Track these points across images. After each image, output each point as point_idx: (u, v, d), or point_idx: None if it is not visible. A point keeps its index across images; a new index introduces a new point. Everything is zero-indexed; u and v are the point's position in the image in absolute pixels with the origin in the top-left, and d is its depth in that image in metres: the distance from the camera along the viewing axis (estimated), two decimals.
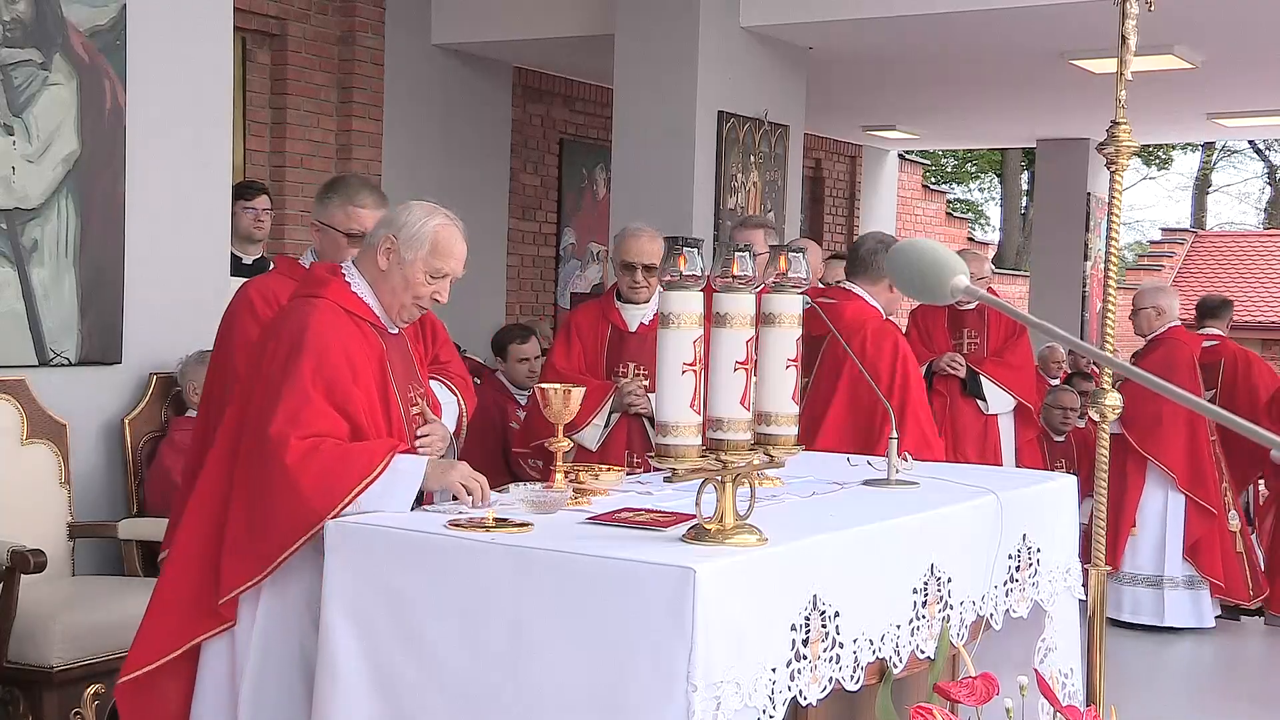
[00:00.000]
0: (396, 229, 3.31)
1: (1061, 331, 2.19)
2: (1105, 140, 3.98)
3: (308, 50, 8.47)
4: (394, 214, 3.38)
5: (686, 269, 2.63)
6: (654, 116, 8.02)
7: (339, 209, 3.79)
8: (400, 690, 2.78)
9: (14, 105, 4.73)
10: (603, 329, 5.02)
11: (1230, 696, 6.31)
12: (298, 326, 3.16)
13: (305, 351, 3.09)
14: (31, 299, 4.78)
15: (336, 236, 3.78)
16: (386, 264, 3.28)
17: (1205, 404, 1.84)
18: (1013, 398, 7.10)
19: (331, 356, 3.11)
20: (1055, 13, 7.51)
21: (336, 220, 3.79)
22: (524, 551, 2.69)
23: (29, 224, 4.77)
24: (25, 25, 4.76)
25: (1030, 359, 7.31)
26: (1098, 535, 4.11)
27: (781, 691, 2.65)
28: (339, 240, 3.78)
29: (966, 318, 7.28)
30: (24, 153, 4.77)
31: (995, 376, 7.05)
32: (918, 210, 17.08)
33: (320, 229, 3.83)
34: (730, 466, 2.68)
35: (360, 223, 3.75)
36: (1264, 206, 33.47)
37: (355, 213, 3.78)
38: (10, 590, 4.13)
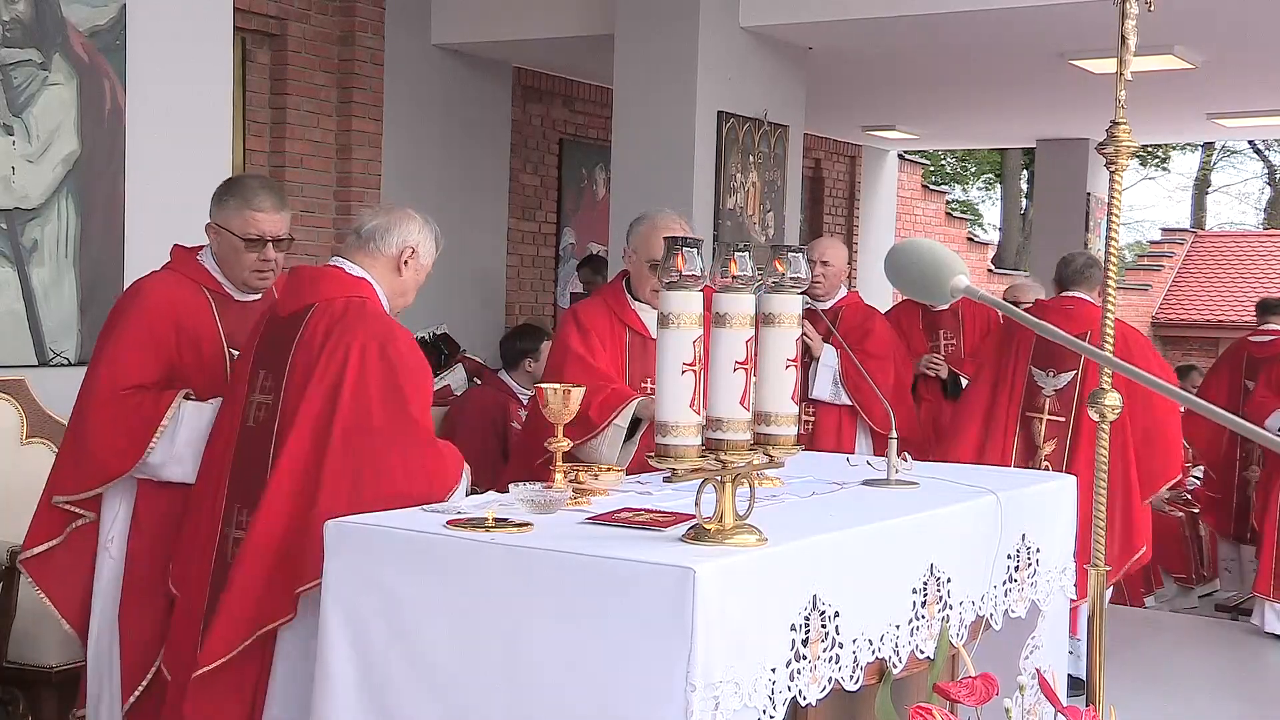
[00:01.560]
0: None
1: (1061, 332, 2.19)
2: (1105, 140, 3.97)
3: (308, 50, 8.47)
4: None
5: (686, 269, 2.63)
6: (654, 116, 8.02)
7: (236, 213, 3.75)
8: (396, 691, 2.78)
9: (14, 105, 4.74)
10: (619, 334, 4.40)
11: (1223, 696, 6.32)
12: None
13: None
14: (31, 299, 4.79)
15: (233, 240, 3.76)
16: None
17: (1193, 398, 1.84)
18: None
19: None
20: (1055, 13, 7.51)
21: (233, 224, 3.75)
22: (524, 551, 2.69)
23: (29, 224, 4.78)
24: (25, 25, 4.76)
25: None
26: (1098, 535, 4.10)
27: (781, 691, 2.65)
28: (236, 244, 3.76)
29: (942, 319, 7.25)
30: (24, 153, 4.77)
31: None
32: (917, 210, 17.08)
33: (217, 231, 3.80)
34: (730, 466, 2.68)
35: (258, 227, 3.75)
36: (1264, 207, 33.48)
37: (253, 217, 3.74)
38: (10, 590, 4.13)
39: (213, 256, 3.84)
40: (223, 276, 3.83)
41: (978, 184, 31.58)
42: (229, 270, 3.82)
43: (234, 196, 3.78)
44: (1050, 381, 6.04)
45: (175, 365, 3.74)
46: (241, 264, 3.78)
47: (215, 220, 3.80)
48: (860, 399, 6.09)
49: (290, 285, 3.65)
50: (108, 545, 3.77)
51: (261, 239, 3.75)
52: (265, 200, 3.78)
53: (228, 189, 3.84)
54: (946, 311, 7.23)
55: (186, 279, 3.81)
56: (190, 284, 3.80)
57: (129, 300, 3.81)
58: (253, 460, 3.48)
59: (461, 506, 3.10)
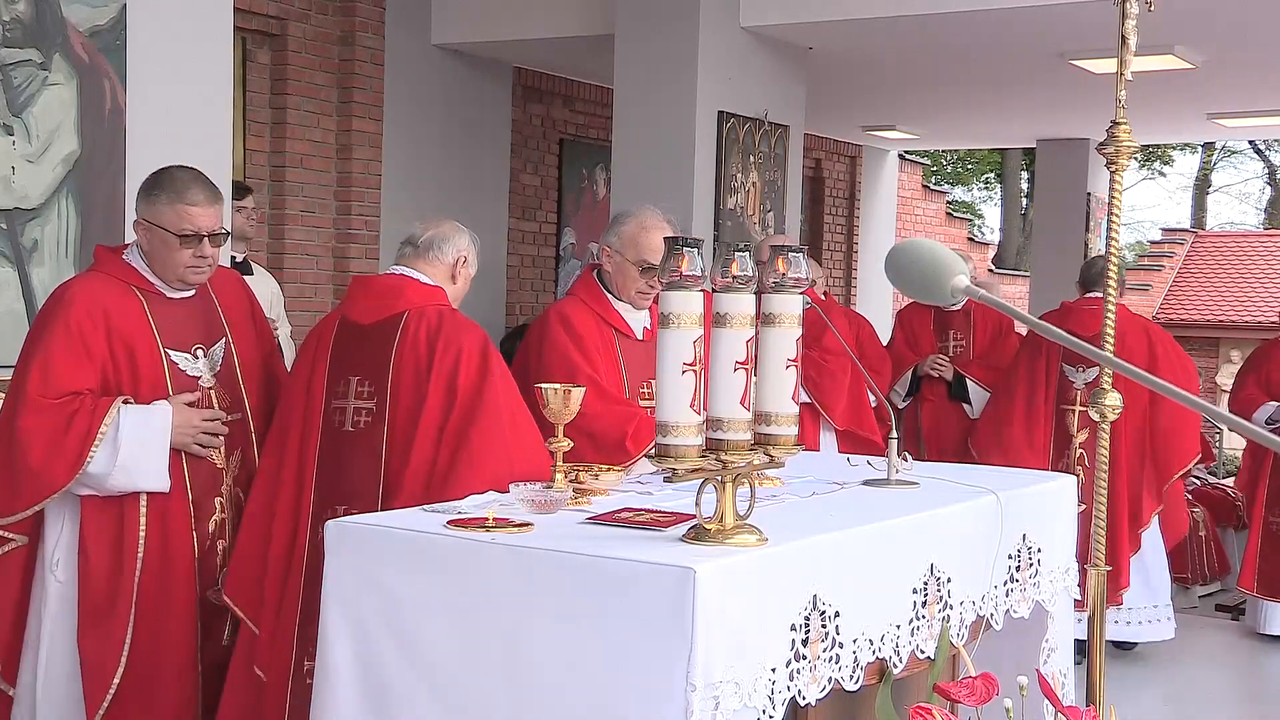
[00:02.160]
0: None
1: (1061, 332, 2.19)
2: (1105, 140, 3.98)
3: (308, 50, 8.47)
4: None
5: (687, 269, 2.63)
6: (654, 116, 8.01)
7: (168, 207, 3.63)
8: (396, 691, 2.78)
9: (14, 105, 4.74)
10: (608, 337, 4.21)
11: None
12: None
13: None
14: (31, 299, 4.79)
15: (167, 236, 3.63)
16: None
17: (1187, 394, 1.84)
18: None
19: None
20: (1055, 13, 7.51)
21: (165, 220, 3.63)
22: (524, 551, 2.69)
23: (29, 224, 4.78)
24: (25, 25, 4.76)
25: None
26: (1097, 535, 4.11)
27: (781, 691, 2.65)
28: (170, 240, 3.64)
29: (953, 319, 7.25)
30: (24, 153, 4.77)
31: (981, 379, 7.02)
32: (918, 210, 17.08)
33: (147, 228, 3.67)
34: (730, 466, 2.68)
35: (193, 222, 3.64)
36: (1264, 207, 33.47)
37: (186, 211, 3.63)
38: None
39: (141, 254, 3.73)
40: (153, 275, 3.72)
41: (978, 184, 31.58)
42: (161, 268, 3.70)
43: (164, 191, 3.65)
44: (1080, 376, 6.45)
45: (109, 370, 3.62)
46: (176, 261, 3.66)
47: (144, 216, 3.68)
48: (820, 397, 6.10)
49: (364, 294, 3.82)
50: (53, 569, 3.63)
51: (197, 234, 3.64)
52: (198, 194, 3.66)
53: (156, 183, 3.69)
54: (958, 312, 7.23)
55: (114, 279, 3.69)
56: (119, 284, 3.68)
57: (54, 305, 3.65)
58: (355, 462, 3.62)
59: (461, 506, 3.10)
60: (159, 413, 3.61)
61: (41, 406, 3.51)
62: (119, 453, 3.53)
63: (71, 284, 3.72)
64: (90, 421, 3.51)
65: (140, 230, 3.70)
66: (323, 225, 8.66)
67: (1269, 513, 7.17)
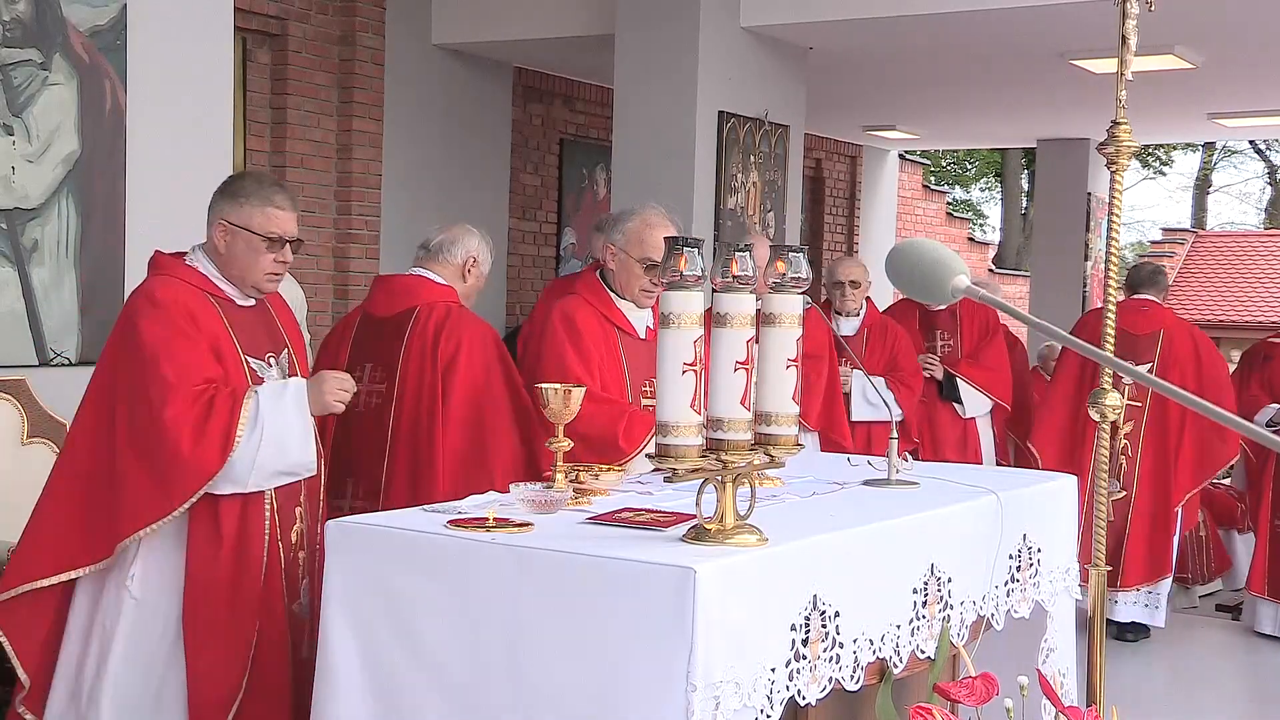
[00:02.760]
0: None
1: (1061, 331, 2.19)
2: (1105, 140, 3.98)
3: (308, 50, 8.47)
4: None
5: (687, 269, 2.63)
6: (654, 116, 8.01)
7: (257, 210, 3.59)
8: (398, 691, 2.78)
9: (14, 105, 4.74)
10: (611, 336, 4.19)
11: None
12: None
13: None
14: (31, 299, 4.79)
15: (253, 239, 3.58)
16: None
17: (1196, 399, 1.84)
18: (989, 399, 7.06)
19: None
20: (1055, 13, 7.51)
21: (254, 223, 3.58)
22: (524, 551, 2.69)
23: (29, 224, 4.78)
24: (25, 25, 4.76)
25: (1005, 359, 7.26)
26: (1098, 535, 4.11)
27: (781, 691, 2.65)
28: (255, 243, 3.58)
29: (939, 319, 7.22)
30: (24, 153, 4.77)
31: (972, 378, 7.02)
32: (918, 210, 17.09)
33: (229, 230, 3.59)
34: (730, 466, 2.68)
35: (279, 225, 3.60)
36: (1264, 206, 33.47)
37: (275, 215, 3.60)
38: None
39: (212, 258, 3.64)
40: (223, 280, 3.64)
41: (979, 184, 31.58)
42: (240, 272, 3.62)
43: (252, 194, 3.60)
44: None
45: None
46: (258, 265, 3.60)
47: (229, 219, 3.59)
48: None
49: (383, 291, 4.34)
50: (127, 584, 3.49)
51: (281, 239, 3.61)
52: (284, 198, 3.65)
53: (240, 187, 3.65)
54: (944, 312, 7.20)
55: (187, 284, 3.59)
56: (193, 289, 3.58)
57: (147, 307, 3.52)
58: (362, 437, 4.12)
59: (462, 506, 3.10)
60: (293, 385, 3.55)
61: (185, 395, 3.40)
62: (264, 429, 3.43)
63: (152, 287, 3.57)
64: (232, 403, 3.42)
65: (219, 232, 3.61)
66: (323, 225, 8.66)
67: (1275, 516, 7.16)
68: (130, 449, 3.43)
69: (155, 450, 3.40)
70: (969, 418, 7.05)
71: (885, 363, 6.58)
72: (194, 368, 3.45)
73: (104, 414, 3.51)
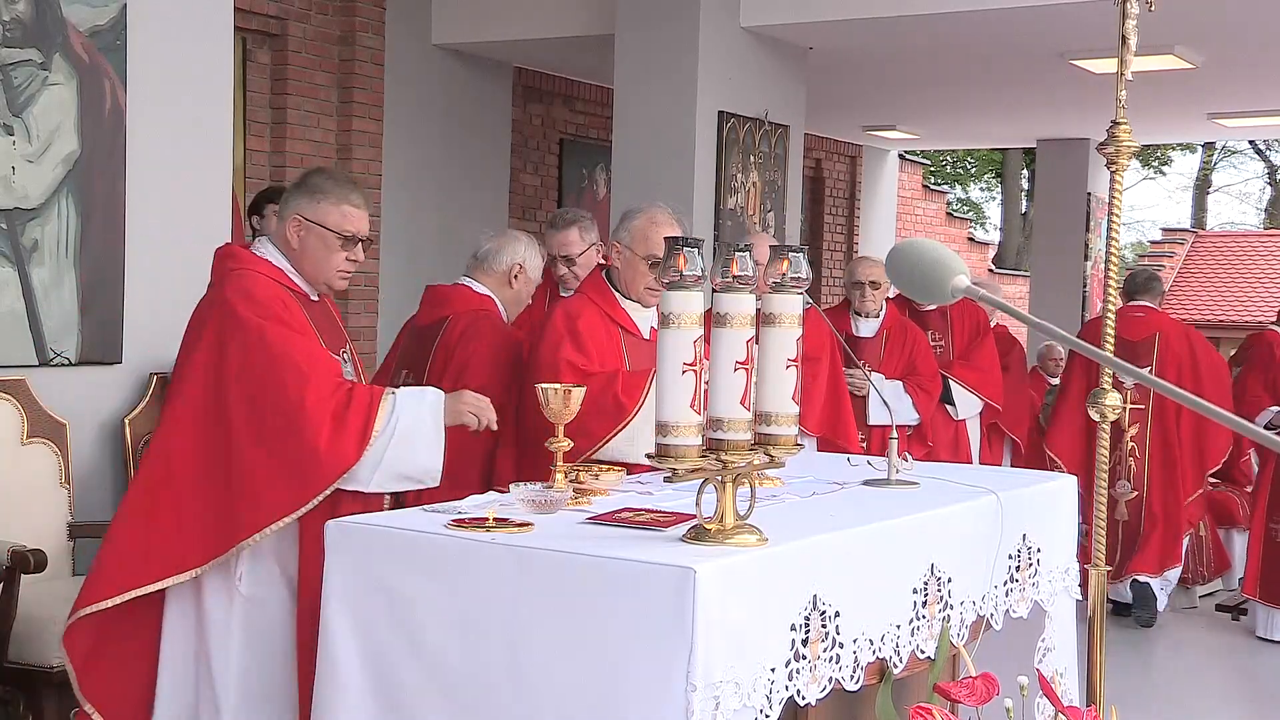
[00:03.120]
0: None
1: (1061, 331, 2.19)
2: (1105, 140, 3.98)
3: (308, 50, 8.47)
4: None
5: (687, 269, 2.63)
6: (654, 116, 8.01)
7: (333, 207, 3.60)
8: (399, 691, 2.79)
9: (14, 105, 4.74)
10: (614, 335, 4.17)
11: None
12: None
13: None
14: (31, 299, 4.79)
15: (328, 236, 3.58)
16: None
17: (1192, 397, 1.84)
18: (980, 400, 7.01)
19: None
20: (1055, 13, 7.51)
21: (329, 220, 3.59)
22: (524, 551, 2.69)
23: (29, 224, 4.78)
24: (25, 25, 4.76)
25: (996, 360, 7.21)
26: (1098, 535, 4.11)
27: (780, 691, 2.65)
28: (330, 241, 3.59)
29: (930, 320, 7.13)
30: (24, 153, 4.77)
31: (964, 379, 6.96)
32: (918, 210, 17.08)
33: (304, 226, 3.60)
34: (730, 466, 2.68)
35: (354, 224, 3.61)
36: (1264, 207, 33.47)
37: (351, 213, 3.61)
38: (10, 590, 4.12)
39: (284, 253, 3.62)
40: (296, 275, 3.62)
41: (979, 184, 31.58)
42: (313, 268, 3.61)
43: (330, 192, 3.60)
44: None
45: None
46: (331, 262, 3.60)
47: (305, 215, 3.59)
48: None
49: (426, 300, 4.57)
50: (236, 585, 3.43)
51: (355, 237, 3.61)
52: (359, 197, 3.65)
53: (317, 183, 3.63)
54: (935, 312, 7.09)
55: (269, 279, 3.56)
56: (273, 282, 3.56)
57: (246, 302, 3.44)
58: None
59: (462, 506, 3.10)
60: (431, 392, 3.53)
61: (323, 383, 3.36)
62: (398, 428, 3.38)
63: (248, 285, 3.50)
64: (370, 397, 3.39)
65: (293, 228, 3.59)
66: None
67: (1270, 519, 7.16)
68: (259, 446, 3.34)
69: (291, 441, 3.32)
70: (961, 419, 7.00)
71: (904, 365, 6.51)
72: (320, 358, 3.44)
73: (209, 416, 3.40)
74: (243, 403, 3.37)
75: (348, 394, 3.38)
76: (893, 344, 6.57)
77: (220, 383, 3.41)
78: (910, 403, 6.39)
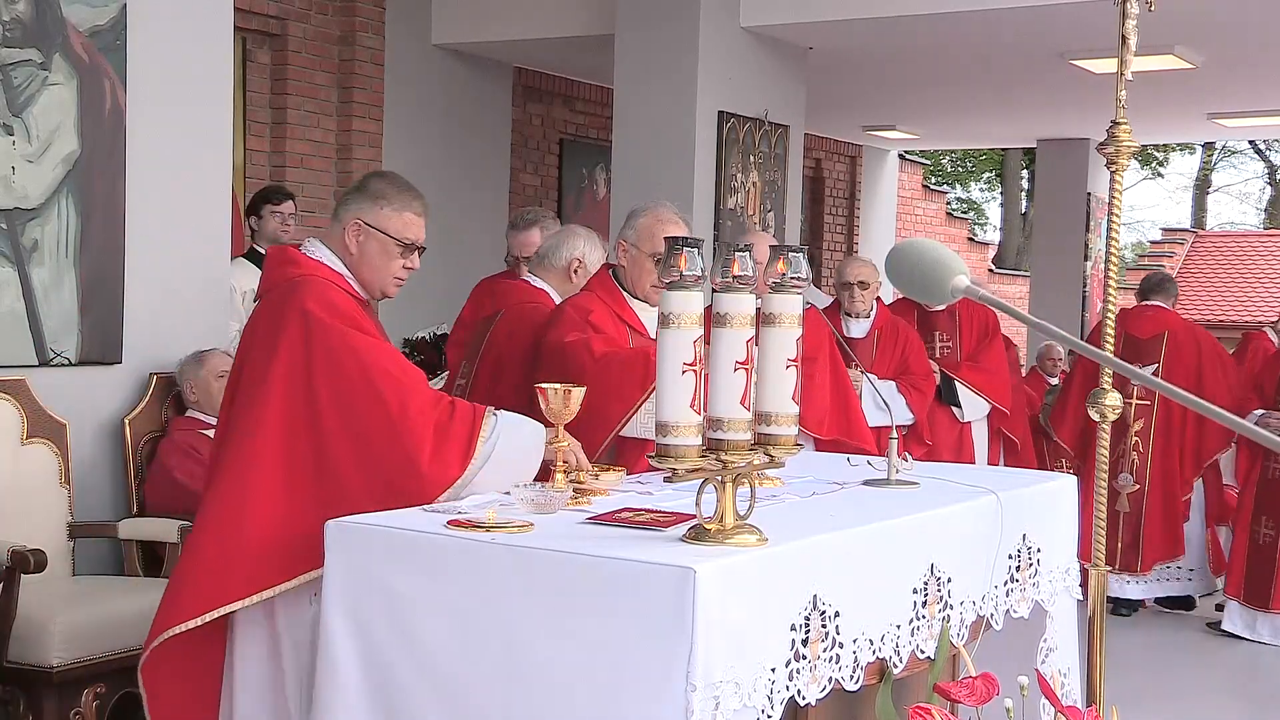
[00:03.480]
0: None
1: (1061, 331, 2.19)
2: (1105, 140, 3.97)
3: (308, 50, 8.48)
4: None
5: (687, 269, 2.63)
6: (654, 116, 8.02)
7: (396, 215, 3.50)
8: (398, 690, 2.78)
9: (14, 105, 4.73)
10: (622, 332, 4.21)
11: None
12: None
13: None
14: (31, 299, 4.79)
15: (388, 243, 3.49)
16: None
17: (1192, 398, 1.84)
18: (988, 403, 6.91)
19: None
20: (1055, 13, 7.52)
21: (391, 226, 3.49)
22: (524, 551, 2.69)
23: (29, 224, 4.78)
24: (25, 25, 4.76)
25: (1004, 362, 7.11)
26: (1098, 535, 4.11)
27: (780, 691, 2.65)
28: (390, 248, 3.50)
29: (937, 320, 7.03)
30: (24, 153, 4.77)
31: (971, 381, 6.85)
32: (918, 210, 17.09)
33: (364, 231, 3.50)
34: (730, 466, 2.68)
35: (414, 232, 3.54)
36: (1264, 207, 33.47)
37: (414, 220, 3.51)
38: (10, 590, 4.12)
39: (339, 256, 3.53)
40: (353, 279, 3.53)
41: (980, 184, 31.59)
42: (370, 274, 3.52)
43: (394, 199, 3.51)
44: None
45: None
46: (389, 269, 3.52)
47: (366, 220, 3.49)
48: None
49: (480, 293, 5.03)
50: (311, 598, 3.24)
51: (414, 245, 3.54)
52: (421, 206, 3.56)
53: (381, 189, 3.54)
54: (943, 312, 7.03)
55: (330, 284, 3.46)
56: (335, 286, 3.46)
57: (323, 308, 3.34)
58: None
59: (462, 506, 3.10)
60: (531, 423, 3.39)
61: (423, 394, 3.28)
62: (496, 450, 3.26)
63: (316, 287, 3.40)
64: (474, 413, 3.29)
65: (353, 232, 3.50)
66: (323, 225, 8.62)
67: (1255, 522, 7.15)
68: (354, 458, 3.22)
69: (390, 455, 3.21)
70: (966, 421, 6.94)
71: (896, 365, 6.44)
72: (409, 366, 3.36)
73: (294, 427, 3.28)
74: (333, 416, 3.26)
75: (450, 406, 3.29)
76: (884, 344, 6.50)
77: (309, 393, 3.27)
78: (904, 403, 6.34)
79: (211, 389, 5.11)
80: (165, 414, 5.18)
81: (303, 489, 3.24)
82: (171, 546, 4.67)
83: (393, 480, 3.18)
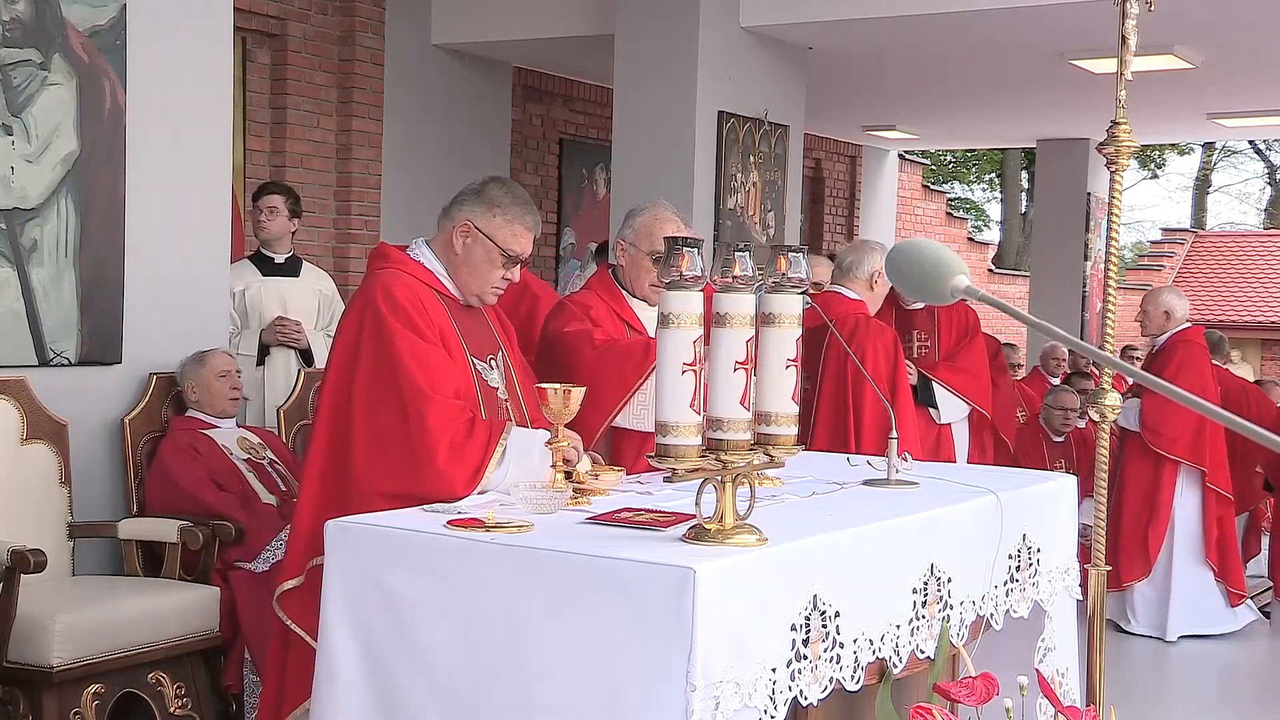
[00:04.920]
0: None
1: (1061, 331, 2.19)
2: (1105, 140, 3.97)
3: (308, 50, 8.48)
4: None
5: (687, 269, 2.63)
6: (654, 116, 8.02)
7: (507, 225, 3.50)
8: (398, 690, 2.79)
9: (13, 105, 4.73)
10: (621, 331, 4.22)
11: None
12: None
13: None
14: (31, 299, 4.78)
15: (493, 250, 3.50)
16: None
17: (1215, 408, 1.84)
18: (967, 404, 6.49)
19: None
20: (1055, 13, 7.51)
21: (499, 234, 3.50)
22: (524, 551, 2.69)
23: (29, 224, 4.77)
24: (25, 25, 4.76)
25: (985, 363, 6.70)
26: (1098, 535, 4.11)
27: (782, 691, 2.65)
28: (494, 256, 3.50)
29: (915, 318, 6.64)
30: (24, 153, 4.77)
31: (949, 382, 6.41)
32: (918, 210, 17.08)
33: (472, 234, 3.50)
34: (730, 466, 2.68)
35: (521, 244, 3.53)
36: (1264, 207, 33.47)
37: (523, 234, 3.53)
38: (10, 590, 4.12)
39: (441, 257, 3.55)
40: (449, 280, 3.55)
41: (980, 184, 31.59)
42: (469, 277, 3.53)
43: (508, 208, 3.51)
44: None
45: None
46: (488, 277, 3.53)
47: (476, 223, 3.50)
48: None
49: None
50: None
51: (517, 258, 3.54)
52: (532, 218, 3.55)
53: (498, 197, 3.53)
54: (922, 312, 6.65)
55: (416, 280, 3.49)
56: (423, 285, 3.49)
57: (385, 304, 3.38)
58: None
59: (461, 506, 3.10)
60: (539, 437, 3.37)
61: (444, 406, 3.28)
62: (507, 468, 3.29)
63: (390, 284, 3.43)
64: (490, 432, 3.29)
65: (460, 234, 3.50)
66: (323, 225, 8.66)
67: None
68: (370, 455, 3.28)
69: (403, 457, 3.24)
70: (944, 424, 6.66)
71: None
72: (445, 378, 3.34)
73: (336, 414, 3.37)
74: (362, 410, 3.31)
75: (469, 423, 3.29)
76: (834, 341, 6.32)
77: (351, 381, 3.35)
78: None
79: (212, 389, 5.11)
80: (165, 414, 5.18)
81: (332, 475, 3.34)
82: (171, 546, 4.67)
83: (397, 489, 3.21)
